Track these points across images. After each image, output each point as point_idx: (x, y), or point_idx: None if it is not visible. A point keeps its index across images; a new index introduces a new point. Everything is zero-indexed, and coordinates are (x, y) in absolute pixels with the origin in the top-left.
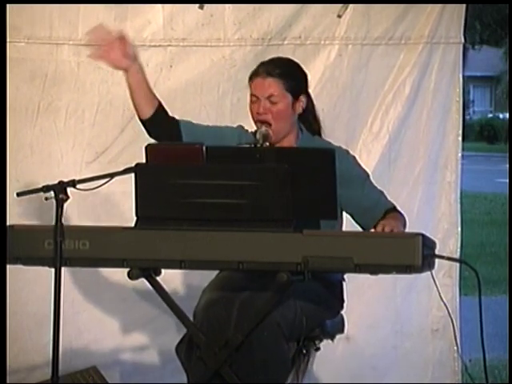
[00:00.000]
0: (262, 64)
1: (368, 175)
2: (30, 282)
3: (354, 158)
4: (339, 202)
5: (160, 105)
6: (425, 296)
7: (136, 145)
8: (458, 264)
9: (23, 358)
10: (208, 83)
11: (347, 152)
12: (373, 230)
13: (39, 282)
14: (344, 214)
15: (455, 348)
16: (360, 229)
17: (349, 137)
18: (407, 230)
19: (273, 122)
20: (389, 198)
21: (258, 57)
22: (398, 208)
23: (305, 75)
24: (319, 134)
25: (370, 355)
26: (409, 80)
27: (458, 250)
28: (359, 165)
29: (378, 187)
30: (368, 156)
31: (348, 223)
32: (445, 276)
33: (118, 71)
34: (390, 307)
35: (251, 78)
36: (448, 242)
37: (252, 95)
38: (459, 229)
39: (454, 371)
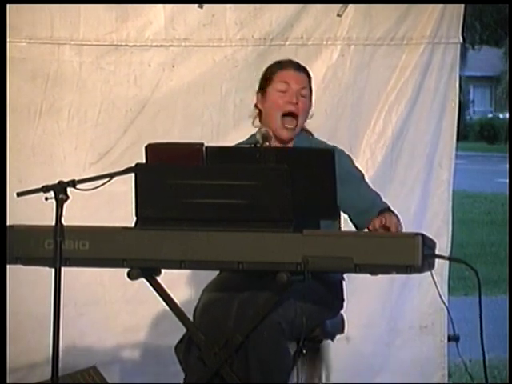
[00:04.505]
0: (283, 61)
1: (363, 175)
2: (31, 283)
3: (350, 157)
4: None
5: None
6: (415, 293)
7: (139, 146)
8: (447, 262)
9: (25, 359)
10: (210, 83)
11: (343, 152)
12: (370, 228)
13: (41, 283)
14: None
15: (442, 343)
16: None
17: (352, 137)
18: (405, 229)
19: (299, 115)
20: (384, 200)
21: (260, 57)
22: (392, 209)
23: None
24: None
25: (367, 354)
26: (411, 80)
27: (449, 248)
28: (355, 165)
29: (374, 188)
30: (371, 156)
31: (347, 223)
32: (434, 274)
33: (120, 71)
34: (387, 305)
35: (275, 72)
36: (439, 240)
37: (283, 82)
38: (450, 227)
39: (441, 366)
